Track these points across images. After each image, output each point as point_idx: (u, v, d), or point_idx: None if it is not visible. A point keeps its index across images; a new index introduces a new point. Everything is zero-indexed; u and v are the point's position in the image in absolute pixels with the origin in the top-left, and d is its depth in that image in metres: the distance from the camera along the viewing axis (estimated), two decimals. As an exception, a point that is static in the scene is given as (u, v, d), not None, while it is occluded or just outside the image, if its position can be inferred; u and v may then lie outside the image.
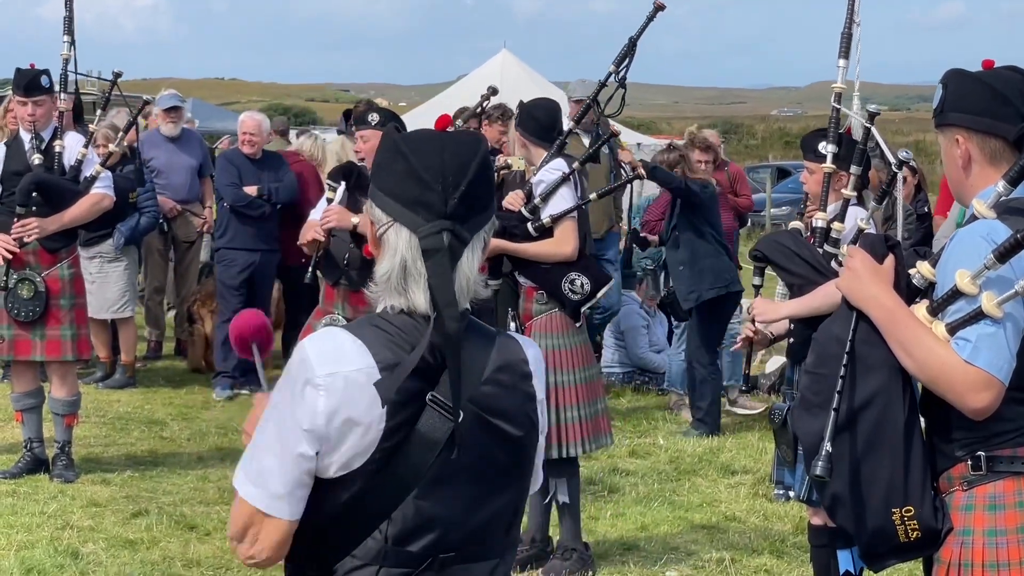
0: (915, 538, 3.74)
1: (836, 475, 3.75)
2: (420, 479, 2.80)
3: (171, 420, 11.30)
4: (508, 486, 2.93)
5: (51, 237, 8.94)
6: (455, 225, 2.83)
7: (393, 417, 2.78)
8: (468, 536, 2.87)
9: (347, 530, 2.82)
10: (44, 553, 7.47)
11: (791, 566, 7.93)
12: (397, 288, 2.86)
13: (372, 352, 2.80)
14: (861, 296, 3.81)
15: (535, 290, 7.46)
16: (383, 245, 2.89)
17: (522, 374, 2.95)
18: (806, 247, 6.10)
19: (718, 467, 10.23)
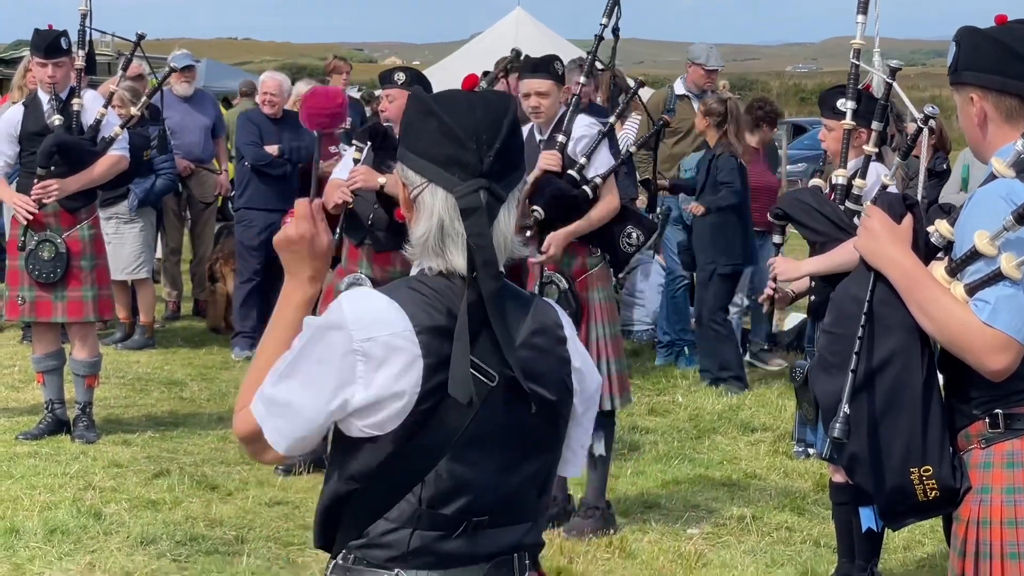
0: (934, 497, 3.77)
1: (854, 435, 3.78)
2: (454, 442, 2.82)
3: (191, 381, 11.37)
4: (541, 450, 2.95)
5: (71, 198, 8.99)
6: (491, 183, 2.83)
7: (429, 380, 2.79)
8: (501, 500, 2.90)
9: (381, 492, 2.84)
10: (67, 514, 7.55)
11: (812, 523, 7.97)
12: (435, 249, 2.86)
13: (409, 315, 2.80)
14: (879, 256, 3.83)
15: (585, 246, 7.53)
16: (418, 207, 2.88)
17: (557, 338, 2.96)
18: (827, 204, 6.12)
19: (738, 424, 10.27)
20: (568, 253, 7.52)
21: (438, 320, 2.82)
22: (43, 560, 6.91)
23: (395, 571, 2.86)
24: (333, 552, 2.96)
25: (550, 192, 7.35)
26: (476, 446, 2.84)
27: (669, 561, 7.22)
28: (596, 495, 7.73)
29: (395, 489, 2.84)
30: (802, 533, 7.80)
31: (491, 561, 2.90)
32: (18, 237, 9.00)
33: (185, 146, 13.43)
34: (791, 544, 7.63)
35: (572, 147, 7.53)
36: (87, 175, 9.00)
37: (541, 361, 2.91)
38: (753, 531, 7.82)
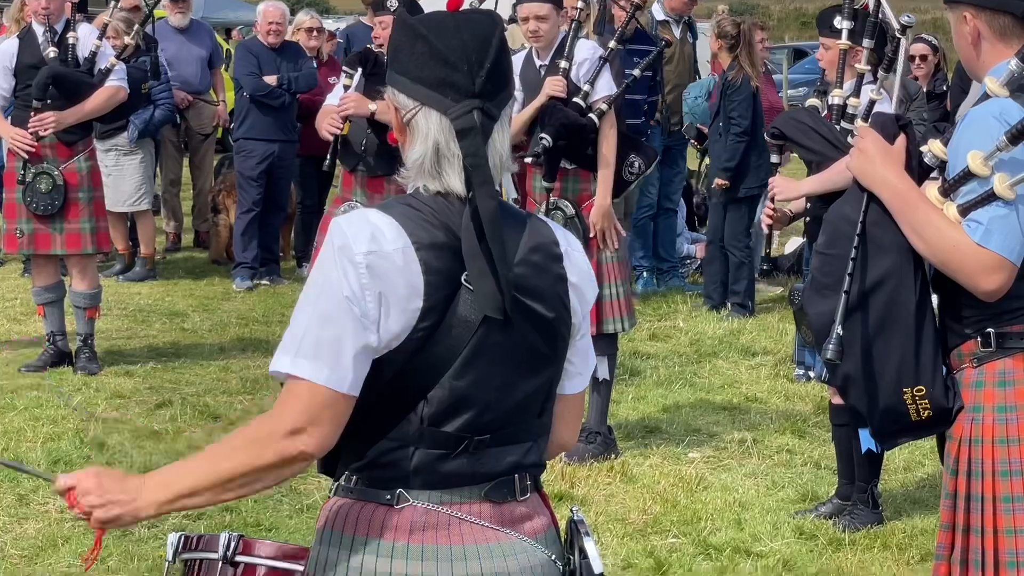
0: (926, 417, 3.79)
1: (847, 356, 3.79)
2: (455, 360, 2.83)
3: (192, 312, 11.38)
4: (541, 368, 2.95)
5: (67, 130, 8.97)
6: (484, 103, 2.84)
7: (430, 297, 2.80)
8: (502, 418, 2.90)
9: (384, 411, 2.85)
10: (70, 445, 7.59)
11: (813, 445, 8.01)
12: (431, 172, 2.87)
13: (407, 231, 2.81)
14: (872, 178, 3.83)
15: (590, 172, 7.54)
16: (412, 131, 2.88)
17: (553, 255, 2.96)
18: (823, 124, 6.09)
19: (739, 349, 10.30)
20: (573, 179, 7.53)
21: (437, 237, 2.82)
22: (47, 490, 6.94)
23: (397, 491, 2.87)
24: (336, 475, 2.98)
25: (558, 120, 7.33)
26: (476, 363, 2.85)
27: (670, 485, 7.26)
28: (598, 420, 7.76)
29: (397, 408, 2.85)
30: (802, 455, 7.85)
31: (492, 481, 2.92)
32: (15, 170, 8.99)
33: (182, 77, 13.37)
34: (792, 466, 7.67)
35: (575, 72, 7.51)
36: (84, 107, 8.98)
37: (538, 278, 2.91)
38: (754, 454, 7.86)
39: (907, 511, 7.00)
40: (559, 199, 7.48)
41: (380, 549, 2.86)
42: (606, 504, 6.99)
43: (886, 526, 6.76)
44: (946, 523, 3.83)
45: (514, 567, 2.92)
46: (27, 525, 6.54)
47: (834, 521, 6.76)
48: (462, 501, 2.90)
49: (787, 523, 6.77)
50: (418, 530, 2.86)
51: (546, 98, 7.38)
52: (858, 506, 6.79)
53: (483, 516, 2.91)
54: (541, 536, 2.99)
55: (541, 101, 7.37)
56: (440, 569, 2.86)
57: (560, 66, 7.45)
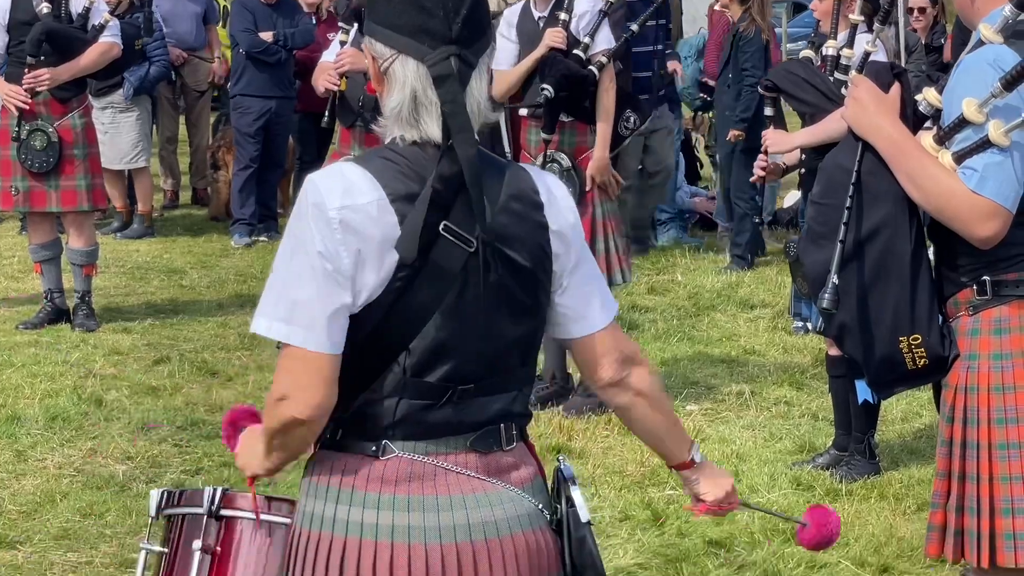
0: (922, 365, 3.78)
1: (843, 305, 3.78)
2: (436, 309, 2.82)
3: (190, 268, 11.38)
4: (523, 317, 2.94)
5: (61, 87, 8.95)
6: (461, 50, 2.82)
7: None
8: (485, 367, 2.89)
9: (366, 363, 2.84)
10: (68, 401, 7.59)
11: (811, 397, 8.02)
12: (408, 120, 2.85)
13: (382, 183, 2.80)
14: (866, 126, 3.80)
15: (586, 124, 7.52)
16: (389, 79, 2.87)
17: (533, 203, 2.94)
18: (817, 75, 6.06)
19: (737, 302, 10.29)
20: (570, 132, 7.51)
21: (412, 188, 2.81)
22: (45, 446, 6.96)
23: (382, 442, 2.86)
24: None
25: (559, 71, 7.32)
26: (457, 312, 2.84)
27: (668, 437, 7.25)
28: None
29: (380, 359, 2.84)
30: (800, 407, 7.85)
31: (477, 431, 2.91)
32: (10, 127, 8.96)
33: (177, 34, 13.31)
34: (789, 418, 7.68)
35: (574, 25, 7.48)
36: (78, 63, 8.95)
37: (517, 226, 2.90)
38: (752, 406, 7.86)
39: (904, 461, 7.00)
40: (556, 151, 7.45)
41: (366, 501, 2.86)
42: (603, 457, 7.00)
43: (883, 476, 6.76)
44: (942, 471, 3.83)
45: (500, 516, 2.91)
46: (25, 481, 6.54)
47: (831, 472, 6.77)
48: (447, 451, 2.89)
49: (784, 474, 6.77)
50: (404, 481, 2.86)
51: (546, 49, 7.35)
52: (855, 457, 6.79)
53: (469, 466, 2.91)
54: (528, 485, 2.98)
55: (541, 52, 7.35)
56: (426, 520, 2.85)
57: (560, 18, 7.43)
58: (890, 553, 5.91)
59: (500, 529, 2.90)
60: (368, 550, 2.84)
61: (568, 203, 3.03)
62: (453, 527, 2.86)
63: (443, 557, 2.84)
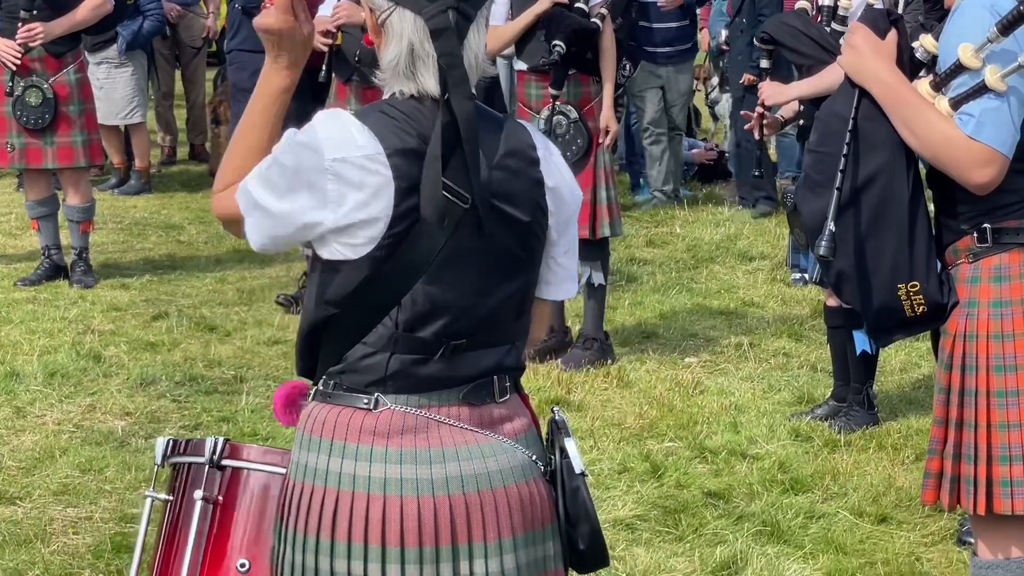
0: (921, 312, 3.76)
1: (841, 253, 3.76)
2: (429, 264, 2.81)
3: (188, 224, 11.37)
4: (517, 272, 2.93)
5: (56, 42, 8.91)
6: (459, 3, 2.80)
7: (401, 203, 2.78)
8: (478, 322, 2.89)
9: (357, 316, 2.84)
10: (67, 357, 7.58)
11: (809, 348, 8.02)
12: (405, 73, 2.84)
13: (379, 138, 2.78)
14: (863, 73, 3.78)
15: (589, 75, 7.55)
16: (386, 31, 2.86)
17: (530, 159, 2.93)
18: (813, 26, 6.04)
19: (735, 254, 10.28)
20: (574, 83, 7.52)
21: (409, 143, 2.79)
22: (44, 403, 6.96)
23: (374, 395, 2.86)
24: (315, 379, 2.97)
25: (569, 26, 7.32)
26: (451, 267, 2.83)
27: (667, 389, 7.27)
28: (594, 326, 7.76)
29: (371, 313, 2.84)
30: (799, 358, 7.85)
31: (470, 384, 2.90)
32: (4, 83, 8.92)
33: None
34: (788, 369, 7.68)
35: None
36: (71, 18, 8.92)
37: (514, 182, 2.88)
38: (750, 358, 7.86)
39: (903, 412, 7.00)
40: (562, 104, 7.45)
41: (359, 453, 2.85)
42: (603, 409, 7.00)
43: (882, 427, 6.76)
44: (939, 417, 3.82)
45: (494, 467, 2.90)
46: (24, 437, 6.54)
47: (830, 423, 6.76)
48: (440, 404, 2.89)
49: (783, 425, 6.77)
50: (396, 434, 2.85)
51: (550, 4, 7.32)
52: (854, 407, 6.79)
53: (461, 418, 2.90)
54: (521, 437, 2.97)
55: (545, 7, 7.32)
56: (419, 472, 2.84)
57: None
58: (888, 503, 5.91)
59: (493, 480, 2.90)
60: (360, 502, 2.83)
61: (562, 161, 3.02)
62: (446, 479, 2.85)
63: (436, 509, 2.83)
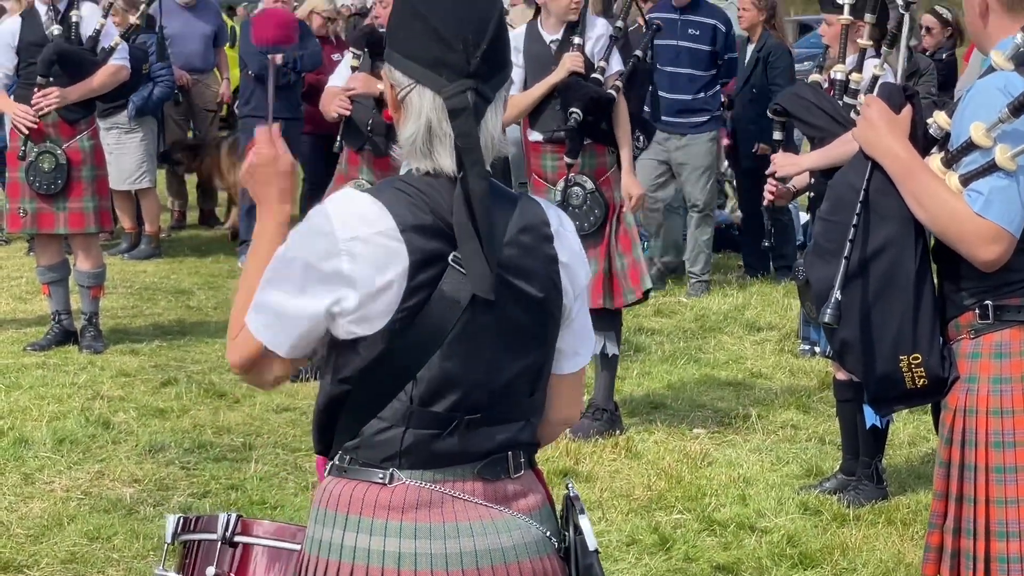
0: (922, 385, 3.80)
1: (846, 321, 3.81)
2: (443, 339, 2.83)
3: (197, 289, 11.40)
4: (531, 348, 2.95)
5: (70, 108, 8.98)
6: (478, 84, 2.84)
7: (414, 278, 2.80)
8: (492, 397, 2.90)
9: (373, 392, 2.86)
10: (75, 423, 7.59)
11: (817, 421, 8.01)
12: (422, 150, 2.87)
13: (393, 214, 2.81)
14: (876, 146, 3.83)
15: (604, 146, 7.59)
16: (406, 108, 2.89)
17: (544, 236, 2.95)
18: (826, 99, 6.09)
19: (743, 324, 10.29)
20: (589, 154, 7.56)
21: (423, 219, 2.83)
22: (52, 469, 6.96)
23: (389, 470, 2.88)
24: (331, 455, 2.99)
25: (586, 94, 7.37)
26: (465, 343, 2.85)
27: (675, 460, 7.26)
28: (605, 397, 7.77)
29: (386, 388, 2.86)
30: (807, 431, 7.84)
31: (484, 459, 2.92)
32: (18, 148, 8.98)
33: (184, 55, 13.34)
34: (796, 442, 7.67)
35: (589, 48, 7.57)
36: (87, 84, 8.99)
37: (527, 258, 2.91)
38: (758, 429, 7.85)
39: (912, 486, 6.99)
40: (577, 175, 7.48)
41: (373, 528, 2.86)
42: (611, 480, 6.99)
43: (891, 501, 6.75)
44: (939, 491, 3.86)
45: (508, 544, 2.92)
46: (32, 504, 6.55)
47: (838, 496, 6.75)
48: (455, 479, 2.90)
49: (791, 499, 6.76)
50: (411, 508, 2.87)
51: (567, 73, 7.38)
52: (862, 481, 6.79)
53: (476, 494, 2.91)
54: (536, 513, 2.99)
55: (560, 76, 7.38)
56: (433, 547, 2.86)
57: (574, 42, 7.46)
58: (898, 578, 5.90)
59: (507, 556, 2.91)
60: None
61: (575, 235, 3.05)
62: (460, 554, 2.87)
63: None
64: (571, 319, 3.02)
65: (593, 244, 7.36)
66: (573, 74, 7.41)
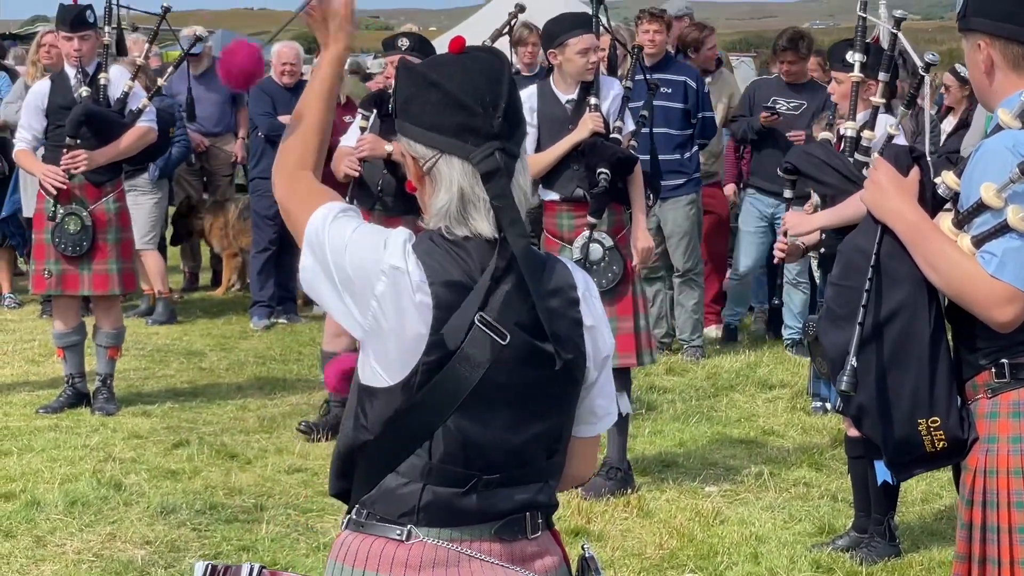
0: (941, 448, 3.76)
1: (862, 386, 3.77)
2: (462, 398, 2.82)
3: (209, 351, 11.38)
4: (552, 411, 2.95)
5: (97, 171, 9.00)
6: (504, 143, 2.84)
7: (438, 331, 2.80)
8: (511, 458, 2.90)
9: (391, 446, 2.86)
10: (87, 485, 7.55)
11: (830, 478, 7.96)
12: (457, 218, 2.86)
13: (425, 266, 2.82)
14: (885, 210, 3.81)
15: (620, 204, 7.60)
16: (434, 179, 2.88)
17: (571, 300, 2.95)
18: (837, 157, 6.09)
19: (755, 382, 10.26)
20: (608, 212, 7.57)
21: (453, 275, 2.83)
22: (64, 532, 6.93)
23: (407, 526, 2.87)
24: (348, 507, 2.98)
25: (611, 154, 7.39)
26: (485, 404, 2.85)
27: (687, 519, 7.21)
28: (619, 455, 7.73)
29: (405, 443, 2.85)
30: (820, 488, 7.79)
31: (502, 519, 2.90)
32: (45, 210, 9.00)
33: (200, 118, 13.37)
34: (809, 499, 7.62)
35: (606, 109, 7.60)
36: (115, 147, 9.01)
37: (554, 322, 2.90)
38: (771, 487, 7.81)
39: (925, 543, 6.94)
40: (598, 232, 7.49)
41: None
42: (623, 539, 6.95)
43: (904, 559, 6.70)
44: (962, 554, 3.81)
45: None
46: (44, 567, 6.51)
47: (851, 554, 6.70)
48: (472, 539, 2.89)
49: (804, 556, 6.71)
50: (428, 567, 2.86)
51: (588, 134, 7.39)
52: (875, 539, 6.74)
53: (493, 553, 2.90)
54: (552, 573, 2.98)
55: (581, 136, 7.39)
56: None
57: (592, 103, 7.49)
58: (912, 636, 5.84)
59: None
60: None
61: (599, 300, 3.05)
62: None
63: None
64: (593, 384, 3.00)
65: (612, 302, 7.36)
66: (595, 135, 7.43)
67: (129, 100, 9.10)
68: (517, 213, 2.83)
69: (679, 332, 11.50)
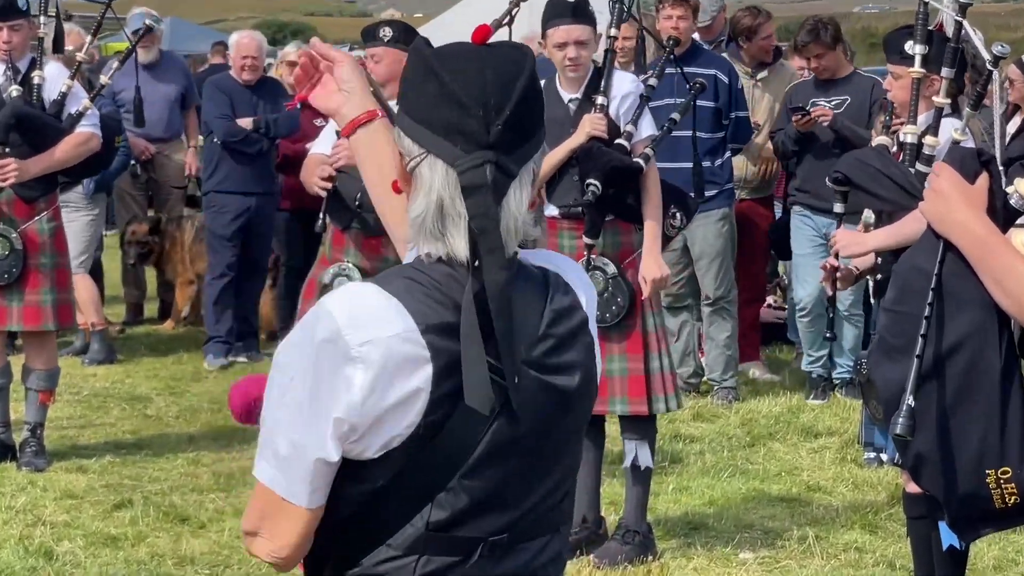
0: (1012, 503, 3.77)
1: (920, 431, 3.77)
2: (468, 457, 2.80)
3: (156, 395, 11.38)
4: (566, 451, 2.95)
5: (28, 184, 8.91)
6: (499, 156, 2.78)
7: (439, 387, 2.76)
8: (522, 515, 2.89)
9: (384, 516, 2.82)
10: (13, 554, 7.55)
11: (886, 542, 7.96)
12: (433, 232, 2.82)
13: (410, 310, 2.76)
14: (948, 222, 3.82)
15: (630, 224, 7.55)
16: (416, 181, 2.84)
17: (580, 321, 2.94)
18: (895, 166, 6.08)
19: (798, 429, 10.26)
20: (612, 232, 7.52)
21: (444, 316, 2.77)
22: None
23: None
24: None
25: (607, 163, 7.32)
26: (493, 460, 2.82)
27: (718, 591, 7.23)
28: (637, 516, 7.70)
29: (400, 512, 2.82)
30: (874, 554, 7.80)
31: None
32: (-36, 230, 8.97)
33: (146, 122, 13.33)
34: (861, 567, 7.63)
35: (614, 109, 7.55)
36: (51, 156, 8.94)
37: (564, 352, 2.89)
38: (817, 553, 7.81)
39: (999, 618, 6.96)
40: (597, 257, 7.44)
41: None
42: (643, 615, 6.96)
43: (974, 637, 6.71)
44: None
45: None
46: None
47: (913, 631, 6.71)
48: None
49: (858, 634, 6.72)
50: None
51: (585, 138, 7.37)
52: (940, 613, 6.74)
53: None
54: None
55: (578, 141, 7.35)
56: None
57: (597, 102, 7.46)
58: None
59: None
60: None
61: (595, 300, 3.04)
62: None
63: None
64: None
65: (618, 339, 7.34)
66: (593, 139, 7.42)
67: (67, 102, 9.04)
68: (499, 240, 2.76)
69: (709, 371, 11.50)
